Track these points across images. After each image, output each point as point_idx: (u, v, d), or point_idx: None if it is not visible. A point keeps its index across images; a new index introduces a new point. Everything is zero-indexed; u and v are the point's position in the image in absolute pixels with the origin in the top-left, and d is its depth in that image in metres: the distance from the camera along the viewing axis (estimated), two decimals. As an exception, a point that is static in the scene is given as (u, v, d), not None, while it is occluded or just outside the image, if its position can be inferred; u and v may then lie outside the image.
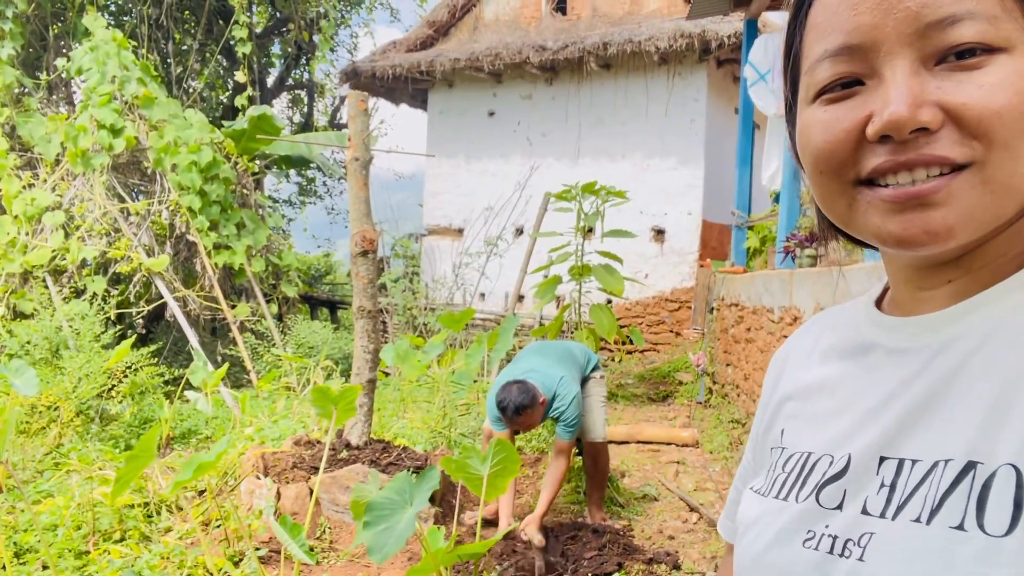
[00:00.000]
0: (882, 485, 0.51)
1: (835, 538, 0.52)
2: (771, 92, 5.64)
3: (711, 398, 6.59)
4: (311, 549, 2.98)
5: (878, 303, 0.63)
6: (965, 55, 0.47)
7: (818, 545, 0.53)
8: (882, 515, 0.50)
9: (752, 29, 6.72)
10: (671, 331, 9.24)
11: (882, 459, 0.52)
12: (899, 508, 0.49)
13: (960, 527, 0.45)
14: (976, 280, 0.53)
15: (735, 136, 7.54)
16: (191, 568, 2.84)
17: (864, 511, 0.51)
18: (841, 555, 0.51)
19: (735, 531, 0.69)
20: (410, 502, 1.91)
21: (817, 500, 0.55)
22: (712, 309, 7.09)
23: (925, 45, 0.48)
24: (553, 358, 3.83)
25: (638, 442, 5.56)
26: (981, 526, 0.45)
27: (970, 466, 0.47)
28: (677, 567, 3.33)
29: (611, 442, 5.37)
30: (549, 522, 3.84)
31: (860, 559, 0.49)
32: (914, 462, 0.50)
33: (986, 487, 0.46)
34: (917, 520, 0.47)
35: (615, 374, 8.19)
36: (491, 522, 3.87)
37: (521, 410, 3.34)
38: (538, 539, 3.20)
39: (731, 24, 8.11)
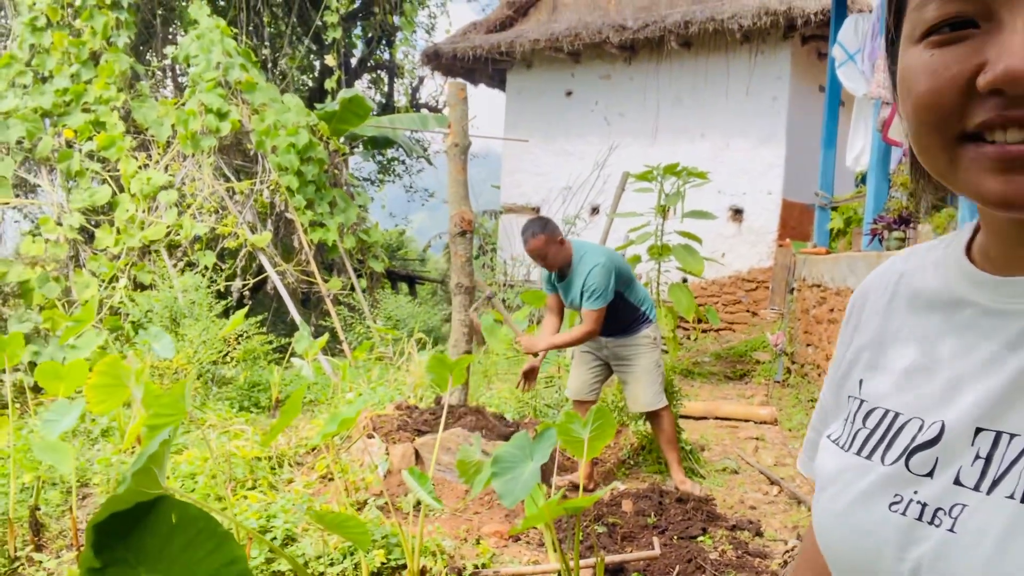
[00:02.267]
0: (977, 457, 0.49)
1: (924, 505, 0.51)
2: (860, 73, 5.61)
3: (789, 377, 6.66)
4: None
5: (967, 250, 0.58)
6: None
7: (906, 510, 0.52)
8: (976, 488, 0.48)
9: (841, 6, 6.65)
10: (747, 311, 9.26)
11: (978, 430, 0.50)
12: (994, 482, 0.47)
13: None
14: None
15: (818, 115, 7.47)
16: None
17: (957, 481, 0.50)
18: (931, 523, 0.50)
19: (814, 471, 0.69)
20: (531, 456, 2.18)
21: (907, 465, 0.53)
22: (792, 290, 7.12)
23: None
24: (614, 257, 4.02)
25: (716, 418, 5.72)
26: None
27: None
28: (759, 534, 3.52)
29: (688, 417, 5.56)
30: (634, 490, 4.08)
31: (951, 530, 0.48)
32: (1012, 436, 0.48)
33: None
34: (1011, 496, 0.46)
35: (691, 352, 8.31)
36: (585, 488, 4.13)
37: (535, 234, 3.72)
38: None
39: (818, 1, 7.99)
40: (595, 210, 10.21)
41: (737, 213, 9.35)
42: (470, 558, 3.15)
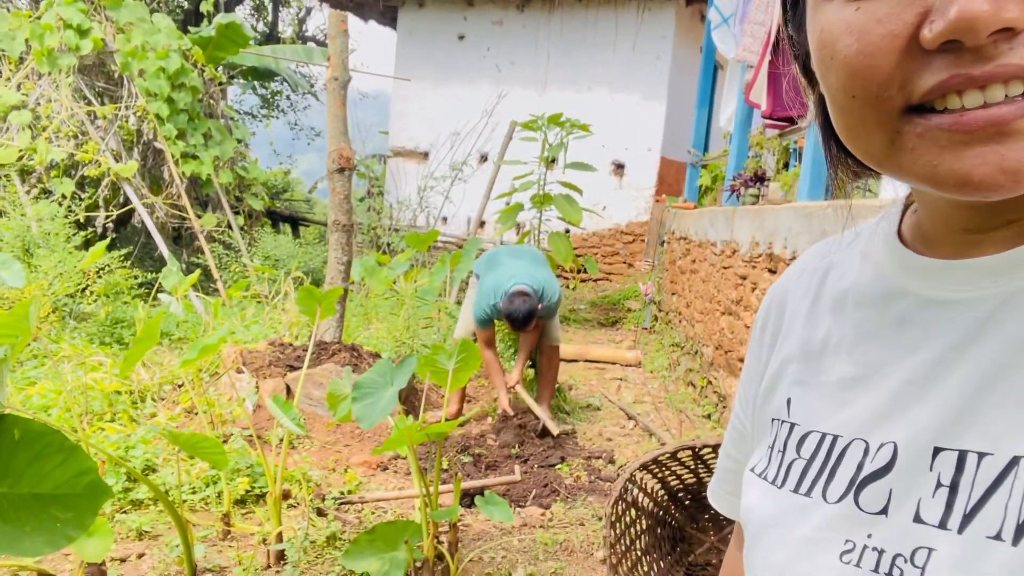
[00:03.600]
0: (939, 484, 0.41)
1: (881, 552, 0.42)
2: (732, 37, 5.90)
3: (656, 325, 7.08)
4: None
5: (899, 234, 0.50)
6: None
7: (860, 560, 0.43)
8: (942, 525, 0.40)
9: (721, -29, 6.91)
10: (624, 262, 9.69)
11: (937, 450, 0.41)
12: (966, 517, 0.39)
13: None
14: None
15: (698, 76, 7.80)
16: (183, 444, 3.17)
17: (917, 518, 0.41)
18: (889, 574, 0.41)
19: (734, 506, 0.61)
20: (391, 382, 2.27)
21: (856, 502, 0.44)
22: (663, 242, 7.51)
23: None
24: (528, 259, 4.23)
25: (586, 361, 6.03)
26: None
27: None
28: (612, 462, 3.81)
29: (561, 360, 5.85)
30: (500, 425, 4.28)
31: None
32: (981, 456, 0.39)
33: None
34: (998, 537, 0.37)
35: (569, 300, 8.63)
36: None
37: (530, 319, 3.88)
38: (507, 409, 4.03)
39: (702, -36, 8.26)
40: (484, 158, 10.26)
41: (619, 168, 9.68)
42: (337, 486, 3.24)
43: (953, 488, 0.40)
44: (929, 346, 0.44)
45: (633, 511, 2.44)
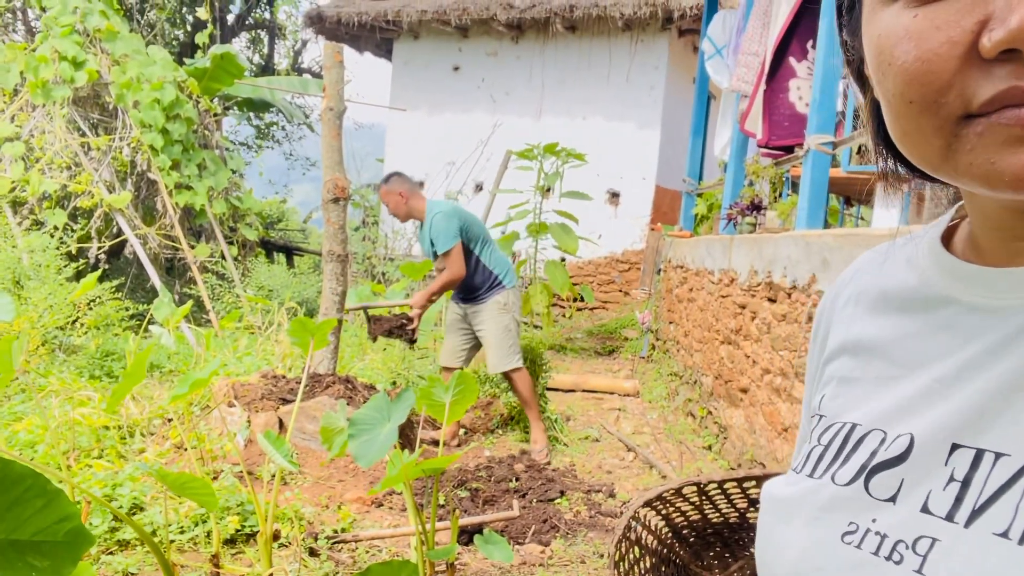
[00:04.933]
0: (951, 479, 0.41)
1: (883, 537, 0.43)
2: (726, 67, 5.95)
3: (653, 353, 7.02)
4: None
5: (945, 242, 0.50)
6: None
7: (861, 542, 0.44)
8: (949, 518, 0.40)
9: (713, 2, 6.99)
10: (620, 291, 9.66)
11: (955, 446, 0.42)
12: (975, 512, 0.39)
13: None
14: None
15: (692, 106, 7.85)
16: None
17: (925, 509, 0.42)
18: (889, 558, 0.42)
19: None
20: (388, 418, 2.20)
21: (866, 487, 0.45)
22: (659, 271, 7.49)
23: None
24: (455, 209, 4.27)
25: (584, 391, 5.96)
26: None
27: None
28: (613, 495, 3.72)
29: (557, 390, 5.77)
30: (499, 456, 4.20)
31: (918, 571, 0.40)
32: (998, 456, 0.40)
33: None
34: (1005, 535, 0.37)
35: (565, 328, 8.58)
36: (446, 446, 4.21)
37: (383, 182, 4.22)
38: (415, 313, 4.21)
39: (694, -4, 8.37)
40: (479, 187, 10.28)
41: (614, 196, 9.69)
42: (330, 523, 3.15)
43: (965, 483, 0.40)
44: (965, 349, 0.44)
45: (637, 549, 2.37)
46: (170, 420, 4.10)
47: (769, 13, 4.58)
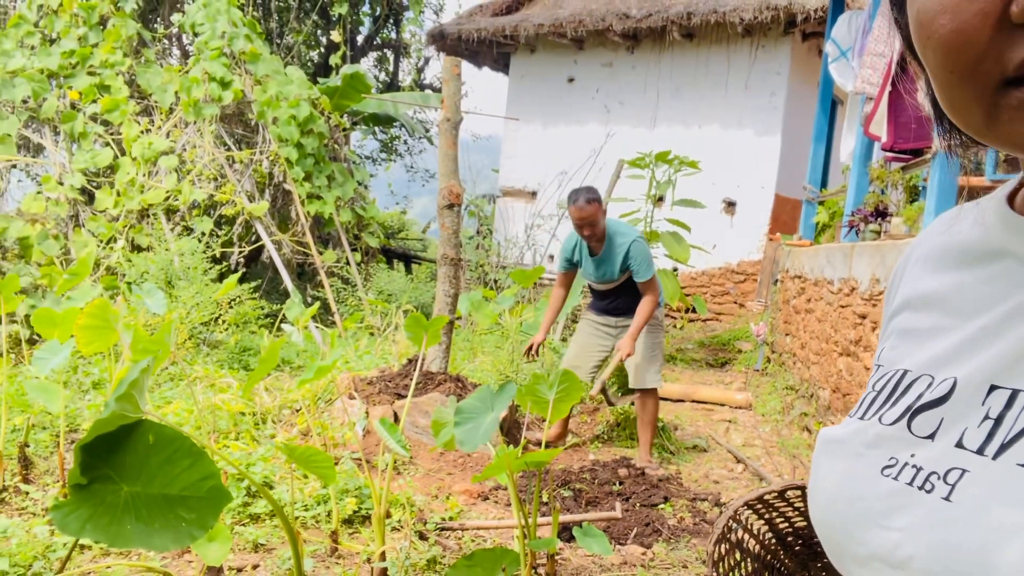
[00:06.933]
0: (986, 417, 0.43)
1: (919, 469, 0.45)
2: (851, 69, 5.71)
3: (768, 366, 6.80)
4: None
5: (1010, 202, 0.51)
6: None
7: (898, 475, 0.46)
8: (980, 451, 0.42)
9: (838, 3, 6.74)
10: (735, 302, 9.40)
11: (992, 387, 0.44)
12: (1003, 446, 0.41)
13: None
14: None
15: (815, 112, 7.57)
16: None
17: (959, 444, 0.44)
18: (922, 488, 0.44)
19: None
20: (492, 408, 2.32)
21: (908, 426, 0.47)
22: (776, 281, 7.25)
23: None
24: None
25: (693, 401, 5.87)
26: None
27: None
28: (719, 504, 3.67)
29: (665, 399, 5.71)
30: (604, 460, 4.23)
31: (946, 498, 0.42)
32: None
33: None
34: None
35: (676, 339, 8.45)
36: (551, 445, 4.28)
37: (590, 200, 3.84)
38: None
39: (819, -2, 8.07)
40: (591, 197, 10.31)
41: (730, 205, 9.47)
42: (439, 512, 3.30)
43: (998, 421, 0.42)
44: (1013, 297, 0.45)
45: (738, 553, 2.34)
46: (298, 410, 4.43)
47: (897, 12, 4.39)
